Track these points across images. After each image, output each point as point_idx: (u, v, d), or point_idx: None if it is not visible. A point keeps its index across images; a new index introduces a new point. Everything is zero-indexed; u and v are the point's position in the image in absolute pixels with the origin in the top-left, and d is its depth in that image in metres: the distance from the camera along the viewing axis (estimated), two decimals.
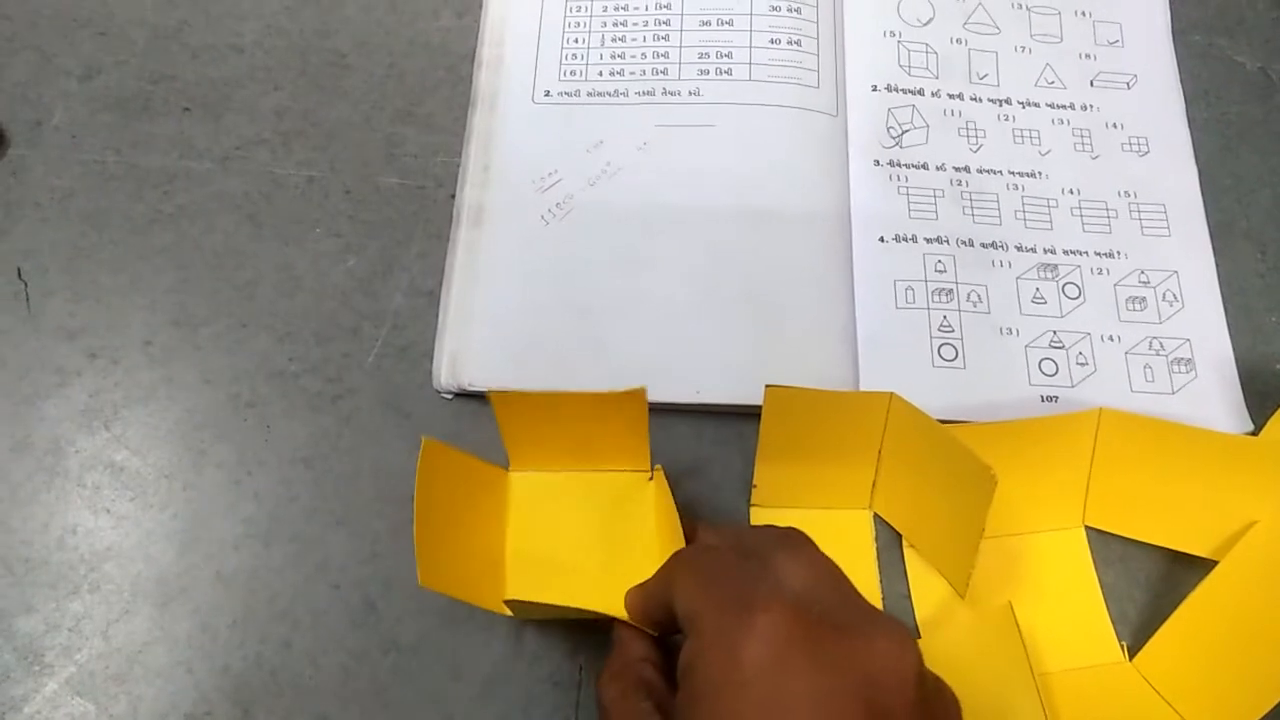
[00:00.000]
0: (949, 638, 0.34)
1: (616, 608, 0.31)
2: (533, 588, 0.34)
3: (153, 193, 0.41)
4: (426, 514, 0.30)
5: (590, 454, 0.35)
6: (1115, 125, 0.44)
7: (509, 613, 0.32)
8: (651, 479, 0.36)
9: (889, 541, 0.36)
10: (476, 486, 0.35)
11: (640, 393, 0.32)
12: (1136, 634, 0.35)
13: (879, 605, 0.35)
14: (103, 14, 0.45)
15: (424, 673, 0.34)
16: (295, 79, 0.44)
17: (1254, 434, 0.37)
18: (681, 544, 0.31)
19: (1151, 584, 0.36)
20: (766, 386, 0.33)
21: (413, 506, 0.36)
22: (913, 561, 0.36)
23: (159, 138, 0.42)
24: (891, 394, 0.33)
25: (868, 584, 0.35)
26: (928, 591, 0.35)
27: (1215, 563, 0.34)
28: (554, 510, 0.35)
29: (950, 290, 0.40)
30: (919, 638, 0.34)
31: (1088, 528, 0.36)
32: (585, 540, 0.35)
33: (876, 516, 0.36)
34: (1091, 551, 0.36)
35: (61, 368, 0.38)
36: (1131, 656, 0.34)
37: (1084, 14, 0.46)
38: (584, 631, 0.34)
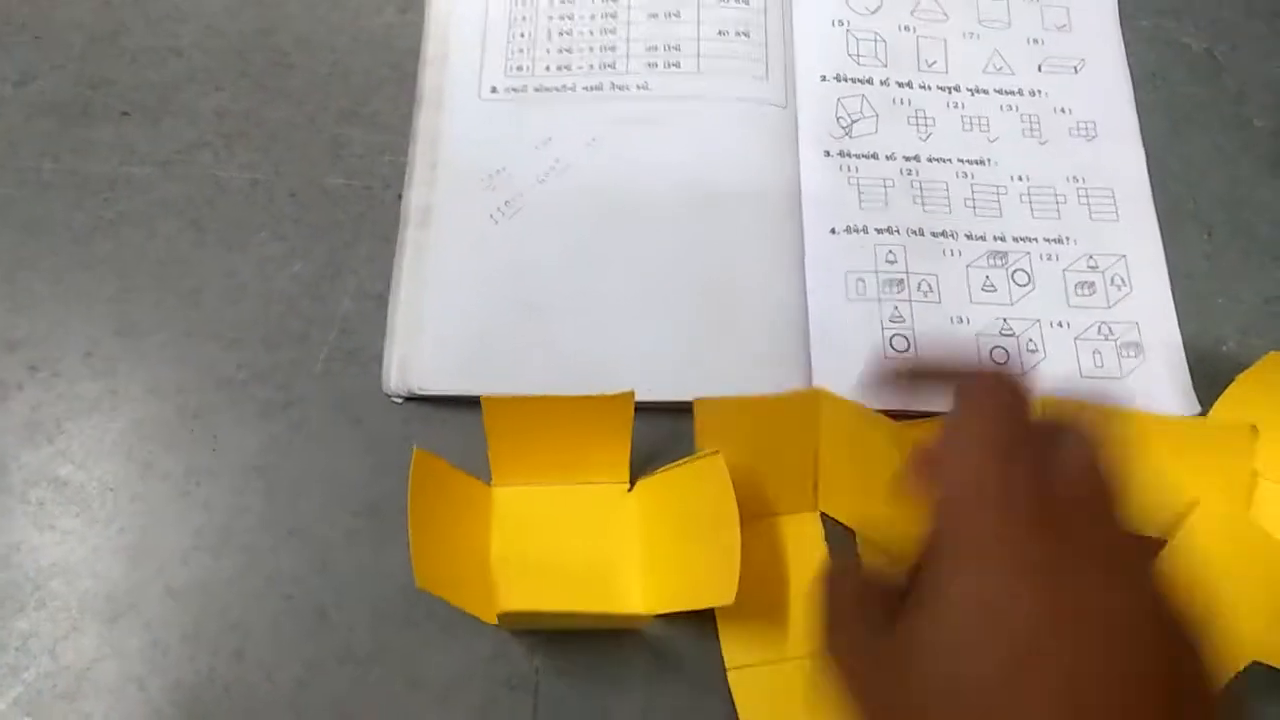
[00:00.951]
0: None
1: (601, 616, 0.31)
2: (520, 599, 0.34)
3: (92, 200, 0.40)
4: (420, 521, 0.30)
5: (573, 463, 0.35)
6: (1063, 110, 0.44)
7: (496, 621, 0.32)
8: (631, 490, 0.36)
9: (840, 540, 0.36)
10: (462, 499, 0.35)
11: (627, 397, 0.32)
12: None
13: None
14: (37, 18, 0.44)
15: (380, 681, 0.34)
16: (236, 80, 0.43)
17: (1202, 415, 0.38)
18: (736, 537, 0.31)
19: None
20: (695, 400, 0.33)
21: (368, 514, 0.36)
22: (869, 556, 0.36)
23: (98, 144, 0.42)
24: (818, 390, 0.34)
25: None
26: None
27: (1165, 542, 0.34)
28: (537, 524, 0.35)
29: (901, 281, 0.40)
30: None
31: None
32: (567, 553, 0.35)
33: (824, 516, 0.36)
34: None
35: (2, 381, 0.37)
36: None
37: None
38: (539, 634, 0.34)
